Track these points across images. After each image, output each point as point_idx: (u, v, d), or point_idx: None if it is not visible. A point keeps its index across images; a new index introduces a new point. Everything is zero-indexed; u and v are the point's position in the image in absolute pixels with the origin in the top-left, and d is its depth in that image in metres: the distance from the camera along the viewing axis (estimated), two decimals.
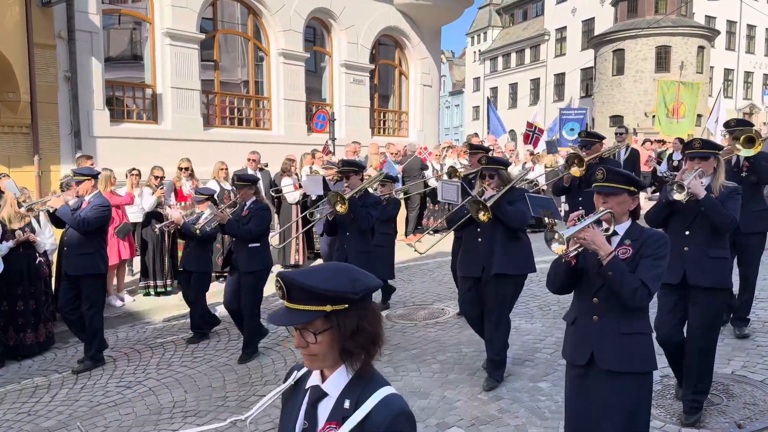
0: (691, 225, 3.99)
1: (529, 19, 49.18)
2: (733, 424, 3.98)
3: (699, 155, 4.02)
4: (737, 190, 3.97)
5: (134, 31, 11.48)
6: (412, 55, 15.49)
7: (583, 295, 3.04)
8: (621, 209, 2.91)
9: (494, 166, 4.79)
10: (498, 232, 4.70)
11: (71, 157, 9.50)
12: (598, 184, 2.96)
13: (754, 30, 42.28)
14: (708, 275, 3.95)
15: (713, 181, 3.98)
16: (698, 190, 3.83)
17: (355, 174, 5.71)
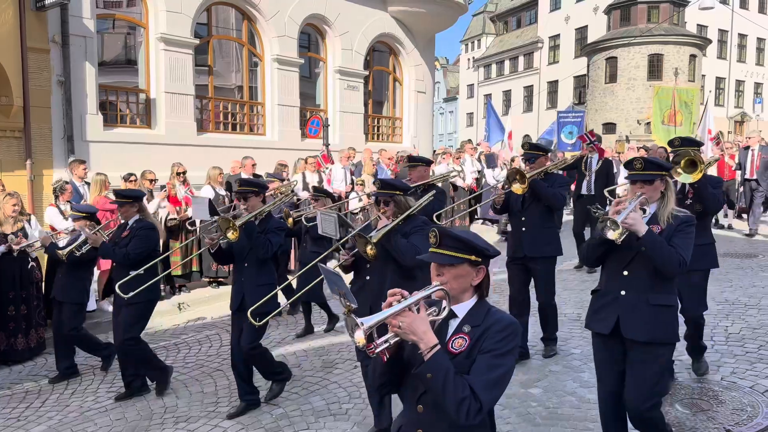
0: (630, 264, 3.26)
1: (523, 26, 49.49)
2: (722, 429, 4.01)
3: (641, 178, 3.32)
4: (689, 221, 3.28)
5: (128, 35, 11.47)
6: (406, 62, 15.55)
7: (408, 401, 2.24)
8: (459, 284, 2.16)
9: (389, 191, 4.05)
10: (389, 270, 3.98)
11: (64, 161, 9.47)
12: (433, 250, 2.21)
13: (745, 39, 42.69)
14: (646, 326, 3.21)
15: (660, 209, 3.30)
16: (637, 226, 3.13)
17: (254, 195, 4.86)
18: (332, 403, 4.88)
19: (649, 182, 3.31)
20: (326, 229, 4.55)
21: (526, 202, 5.38)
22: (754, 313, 6.48)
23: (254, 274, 4.76)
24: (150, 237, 5.21)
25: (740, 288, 7.56)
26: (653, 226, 3.23)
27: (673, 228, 3.25)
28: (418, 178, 5.72)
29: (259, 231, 4.73)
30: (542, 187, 5.25)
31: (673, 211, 3.30)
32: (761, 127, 34.53)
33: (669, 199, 3.32)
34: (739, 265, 8.88)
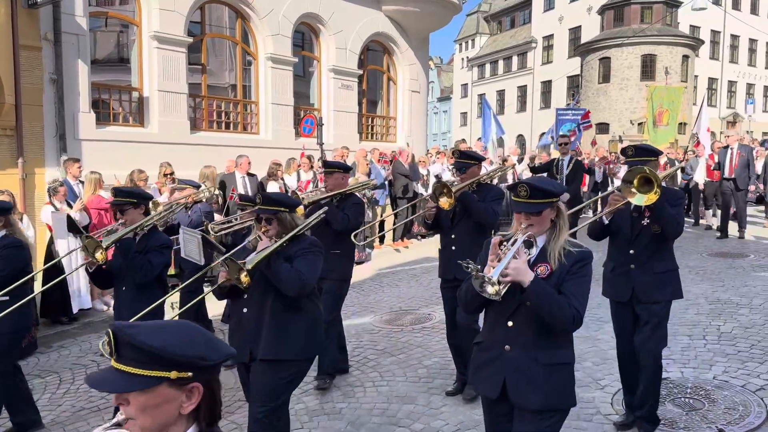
0: (514, 315, 2.69)
1: (517, 26, 49.58)
2: (714, 428, 4.03)
3: (526, 209, 2.68)
4: (585, 260, 2.69)
5: (121, 34, 11.42)
6: (400, 61, 15.55)
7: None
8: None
9: (272, 207, 3.47)
10: (269, 301, 3.42)
11: (56, 160, 9.42)
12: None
13: (737, 40, 42.93)
14: (537, 391, 2.66)
15: (551, 243, 2.70)
16: (521, 276, 2.53)
17: (133, 207, 4.14)
18: (326, 403, 4.88)
19: (536, 213, 2.67)
20: (189, 252, 3.88)
21: (456, 217, 4.80)
22: (746, 313, 6.52)
23: (131, 300, 4.04)
24: (14, 257, 4.36)
25: (732, 288, 7.61)
26: (541, 265, 2.68)
27: (565, 269, 2.65)
28: (335, 187, 5.20)
29: (138, 250, 4.08)
30: (472, 201, 4.68)
31: (567, 246, 2.69)
32: (753, 127, 34.77)
33: (561, 230, 2.72)
34: (731, 265, 8.93)
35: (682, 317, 6.45)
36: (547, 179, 2.76)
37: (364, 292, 8.53)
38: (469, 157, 4.95)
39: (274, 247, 3.36)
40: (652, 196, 3.59)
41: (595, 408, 4.42)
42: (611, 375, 4.98)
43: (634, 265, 3.94)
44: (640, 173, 3.60)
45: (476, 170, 4.87)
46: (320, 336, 3.67)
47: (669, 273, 3.98)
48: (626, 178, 3.68)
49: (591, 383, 4.87)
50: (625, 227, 3.97)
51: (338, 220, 5.02)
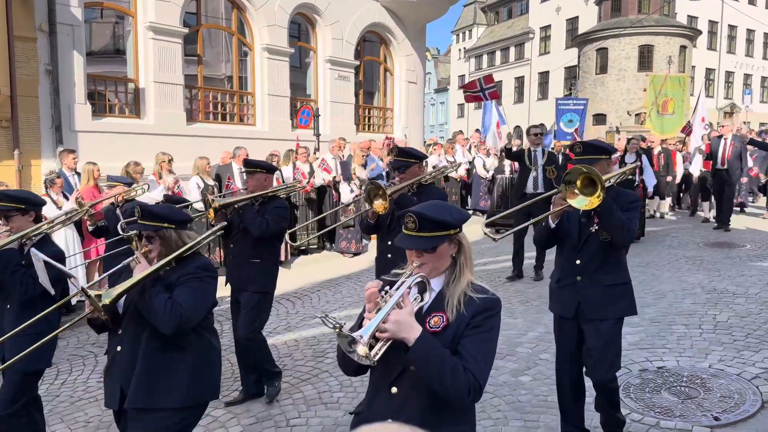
0: (398, 380, 2.09)
1: (514, 17, 49.42)
2: (709, 416, 4.06)
3: (418, 244, 2.09)
4: (491, 308, 2.07)
5: (117, 24, 11.35)
6: (397, 52, 15.50)
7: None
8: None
9: (153, 223, 2.88)
10: (143, 338, 2.83)
11: (52, 151, 9.39)
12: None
13: (735, 30, 42.87)
14: None
15: (449, 287, 2.10)
16: (403, 333, 1.90)
17: (20, 214, 3.70)
18: (323, 392, 4.89)
19: (430, 249, 2.08)
20: (42, 280, 3.31)
21: (395, 221, 4.36)
22: (742, 302, 6.54)
23: (14, 319, 3.52)
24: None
25: (728, 277, 7.64)
26: (435, 315, 2.06)
27: (465, 321, 2.02)
28: (256, 188, 4.74)
29: (21, 262, 3.64)
30: (410, 204, 4.19)
31: (469, 291, 2.08)
32: (750, 118, 34.78)
33: (463, 270, 2.12)
34: (728, 255, 8.96)
35: (679, 306, 6.48)
36: (444, 206, 2.17)
37: (361, 282, 8.54)
38: (409, 155, 4.53)
39: (144, 273, 2.76)
40: (594, 200, 3.14)
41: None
42: None
43: (580, 277, 3.52)
44: (582, 173, 3.18)
45: (417, 170, 4.49)
46: (212, 378, 3.04)
47: (620, 287, 3.54)
48: (567, 179, 3.22)
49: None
50: (572, 234, 3.55)
51: (256, 226, 4.53)
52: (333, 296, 7.87)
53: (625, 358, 5.12)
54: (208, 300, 2.97)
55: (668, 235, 10.89)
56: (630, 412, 4.17)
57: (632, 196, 3.63)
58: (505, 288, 7.73)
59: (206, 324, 3.04)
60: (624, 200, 3.51)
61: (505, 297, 7.26)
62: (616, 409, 3.76)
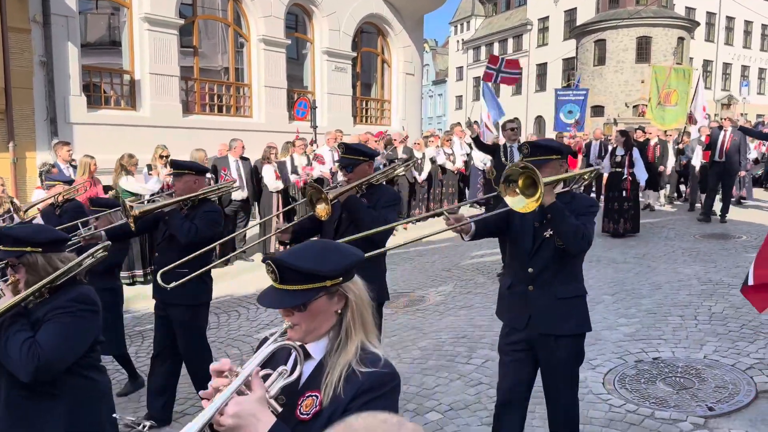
0: None
1: (512, 8, 49.24)
2: (704, 407, 4.07)
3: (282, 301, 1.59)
4: (378, 386, 1.53)
5: (112, 16, 11.29)
6: (394, 43, 15.44)
7: None
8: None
9: (13, 248, 2.47)
10: (3, 384, 2.42)
11: (47, 143, 9.36)
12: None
13: (732, 22, 42.79)
14: None
15: (330, 357, 1.58)
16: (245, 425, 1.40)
17: None
18: None
19: (299, 307, 1.58)
20: None
21: (342, 227, 3.95)
22: (737, 293, 6.54)
23: None
24: None
25: (724, 268, 7.65)
26: (309, 395, 1.57)
27: (342, 406, 1.50)
28: (184, 191, 4.27)
29: None
30: (360, 207, 3.85)
31: (354, 362, 1.55)
32: (747, 109, 34.79)
33: (349, 335, 1.60)
34: (723, 246, 8.98)
35: (675, 298, 6.49)
36: (321, 248, 1.65)
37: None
38: (357, 152, 4.04)
39: (8, 304, 2.33)
40: (531, 204, 2.80)
41: (587, 387, 4.45)
42: (603, 355, 5.03)
43: (532, 286, 3.16)
44: (523, 172, 2.83)
45: (366, 168, 4.01)
46: (94, 420, 2.54)
47: (574, 300, 3.18)
48: (508, 177, 2.89)
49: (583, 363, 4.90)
50: (525, 238, 3.19)
51: (184, 232, 4.09)
52: None
53: (621, 349, 5.15)
54: (83, 338, 2.45)
55: (664, 227, 10.90)
56: (625, 403, 4.19)
57: (587, 201, 3.26)
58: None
59: (88, 363, 2.53)
60: (579, 204, 3.15)
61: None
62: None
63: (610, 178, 10.24)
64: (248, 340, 6.07)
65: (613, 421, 3.97)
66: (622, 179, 9.93)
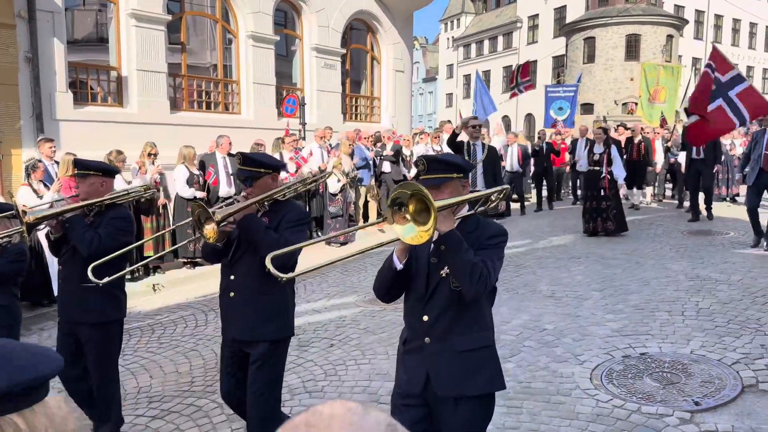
0: None
1: (502, 6, 49.34)
2: (690, 401, 4.09)
3: None
4: None
5: (99, 12, 11.20)
6: (384, 40, 15.41)
7: None
8: None
9: None
10: None
11: (33, 140, 9.24)
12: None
13: (721, 20, 43.08)
14: None
15: None
16: None
17: None
18: (307, 381, 4.88)
19: None
20: None
21: (239, 249, 3.36)
22: (724, 289, 6.60)
23: None
24: None
25: (711, 264, 7.70)
26: None
27: None
28: (89, 195, 3.85)
29: None
30: (258, 228, 3.23)
31: None
32: None
33: None
34: (711, 242, 9.03)
35: (662, 293, 6.52)
36: None
37: (348, 272, 8.52)
38: (259, 164, 3.39)
39: None
40: (423, 234, 2.21)
41: (574, 383, 4.46)
42: (590, 351, 5.04)
43: (429, 338, 2.56)
44: (413, 194, 2.23)
45: (270, 182, 3.40)
46: None
47: (481, 352, 2.57)
48: (395, 200, 2.28)
49: (570, 359, 4.92)
50: (419, 278, 2.59)
51: (85, 242, 3.65)
52: (319, 286, 7.85)
53: (608, 344, 5.16)
54: None
55: (653, 224, 10.96)
56: (612, 398, 4.19)
57: (495, 230, 2.60)
58: None
59: None
60: (483, 234, 2.55)
61: None
62: None
63: (588, 176, 10.04)
64: None
65: (600, 416, 3.97)
66: (601, 177, 9.72)
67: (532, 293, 6.84)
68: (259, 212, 3.37)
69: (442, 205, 2.35)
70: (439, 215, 2.26)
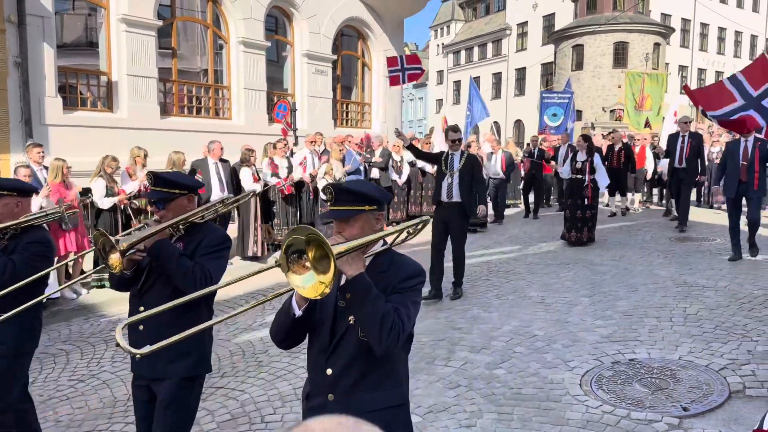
0: None
1: (492, 13, 49.67)
2: (679, 407, 4.13)
3: None
4: None
5: (89, 16, 11.17)
6: (375, 47, 15.47)
7: None
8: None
9: None
10: None
11: (22, 145, 9.19)
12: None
13: (707, 28, 43.63)
14: None
15: None
16: None
17: None
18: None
19: None
20: None
21: (151, 277, 3.02)
22: (711, 295, 6.67)
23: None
24: None
25: (699, 271, 7.78)
26: None
27: None
28: (4, 216, 3.54)
29: None
30: (170, 255, 2.92)
31: None
32: None
33: None
34: (698, 249, 9.13)
35: (651, 299, 6.58)
36: None
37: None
38: (171, 184, 3.03)
39: None
40: (319, 285, 1.90)
41: (564, 389, 4.50)
42: (580, 357, 5.08)
43: (332, 395, 2.26)
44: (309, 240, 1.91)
45: (185, 204, 3.06)
46: None
47: (391, 411, 2.26)
48: (290, 247, 1.94)
49: (560, 364, 4.95)
50: (323, 325, 2.29)
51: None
52: None
53: (598, 350, 5.20)
54: None
55: (641, 230, 11.05)
56: (602, 404, 4.23)
57: (412, 270, 2.27)
58: (481, 281, 7.79)
59: None
60: (398, 274, 2.24)
61: (481, 291, 7.32)
62: None
63: (571, 184, 9.84)
64: (225, 344, 6.03)
65: (590, 422, 4.00)
66: (583, 186, 9.55)
67: (522, 299, 6.87)
68: (173, 237, 3.04)
69: (345, 250, 2.03)
70: (346, 257, 2.03)
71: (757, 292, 6.67)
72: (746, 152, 8.16)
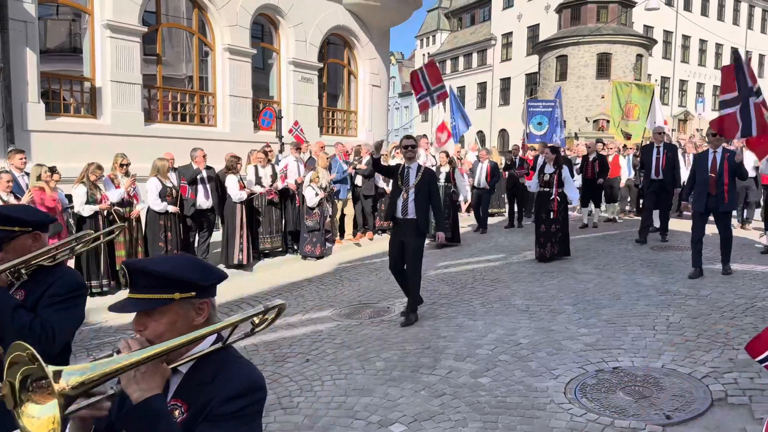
0: None
1: (477, 23, 50.10)
2: (662, 415, 4.15)
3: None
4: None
5: (73, 22, 11.08)
6: (361, 55, 15.52)
7: None
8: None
9: None
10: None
11: (3, 151, 9.08)
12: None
13: (688, 40, 44.35)
14: None
15: None
16: None
17: None
18: (283, 397, 4.84)
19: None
20: None
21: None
22: (694, 303, 6.73)
23: None
24: None
25: (681, 279, 7.85)
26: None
27: None
28: None
29: None
30: (5, 309, 2.38)
31: None
32: (703, 125, 35.95)
33: None
34: (681, 258, 9.21)
35: (634, 308, 6.63)
36: None
37: (324, 286, 8.49)
38: (11, 221, 2.49)
39: None
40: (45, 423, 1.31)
41: (548, 397, 4.50)
42: (564, 365, 5.09)
43: None
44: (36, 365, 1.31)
45: (29, 243, 2.53)
46: None
47: None
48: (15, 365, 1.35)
49: (545, 373, 4.96)
50: None
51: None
52: (295, 300, 7.80)
53: (582, 358, 5.22)
54: None
55: (623, 239, 11.14)
56: (586, 412, 4.24)
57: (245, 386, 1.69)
58: (466, 290, 7.80)
59: None
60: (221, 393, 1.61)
61: (466, 299, 7.33)
62: None
63: (539, 198, 9.48)
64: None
65: (574, 431, 4.01)
66: (550, 199, 9.21)
67: (506, 307, 6.89)
68: (13, 285, 2.50)
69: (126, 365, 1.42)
70: (133, 373, 1.46)
71: (738, 301, 6.74)
72: (714, 164, 7.92)
